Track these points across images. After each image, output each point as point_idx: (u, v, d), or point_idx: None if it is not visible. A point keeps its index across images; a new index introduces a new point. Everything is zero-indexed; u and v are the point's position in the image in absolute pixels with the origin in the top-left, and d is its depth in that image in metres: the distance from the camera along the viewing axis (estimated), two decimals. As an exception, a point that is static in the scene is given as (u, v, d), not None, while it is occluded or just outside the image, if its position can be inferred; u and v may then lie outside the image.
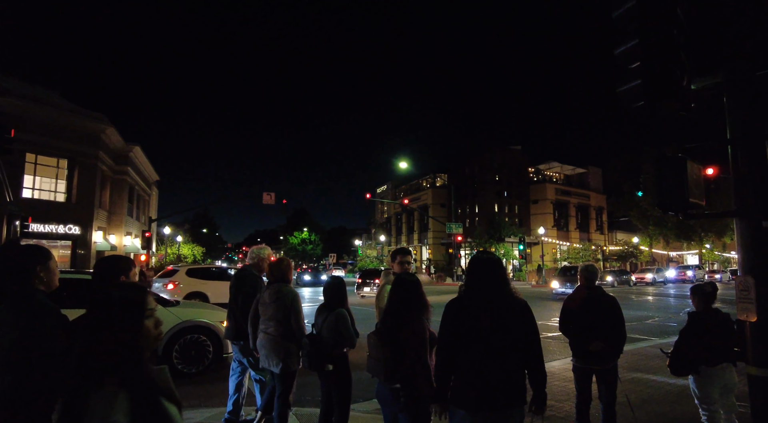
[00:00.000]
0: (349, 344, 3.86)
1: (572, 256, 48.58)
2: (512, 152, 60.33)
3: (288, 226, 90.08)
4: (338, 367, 3.85)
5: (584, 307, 4.19)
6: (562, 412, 5.30)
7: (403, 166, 32.86)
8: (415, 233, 65.73)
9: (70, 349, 1.87)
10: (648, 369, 7.66)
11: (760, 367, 3.14)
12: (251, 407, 5.30)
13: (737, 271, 3.44)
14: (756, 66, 3.23)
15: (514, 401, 2.57)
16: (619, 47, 3.61)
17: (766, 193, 3.22)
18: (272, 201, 27.68)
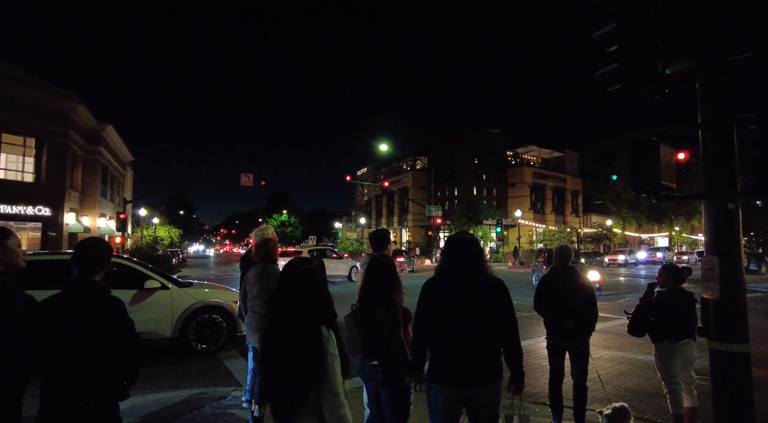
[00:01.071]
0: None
1: (548, 239, 49.57)
2: (491, 135, 60.65)
3: (267, 208, 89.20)
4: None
5: (558, 287, 4.30)
6: (536, 388, 5.48)
7: (384, 148, 32.70)
8: (395, 216, 65.94)
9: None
10: (618, 346, 7.96)
11: (722, 341, 3.29)
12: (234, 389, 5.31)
13: (703, 252, 3.57)
14: (728, 52, 3.30)
15: (489, 376, 2.64)
16: (597, 31, 3.63)
17: (733, 177, 3.32)
18: (250, 182, 27.30)
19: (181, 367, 6.77)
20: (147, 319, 7.00)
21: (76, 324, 2.16)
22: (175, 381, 6.02)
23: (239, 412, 4.71)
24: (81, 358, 2.15)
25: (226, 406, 4.89)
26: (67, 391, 2.13)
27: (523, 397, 4.99)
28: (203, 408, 4.82)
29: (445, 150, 60.41)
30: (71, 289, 2.26)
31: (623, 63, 3.39)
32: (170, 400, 5.09)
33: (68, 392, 2.13)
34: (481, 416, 2.67)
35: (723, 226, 3.35)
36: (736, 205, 3.35)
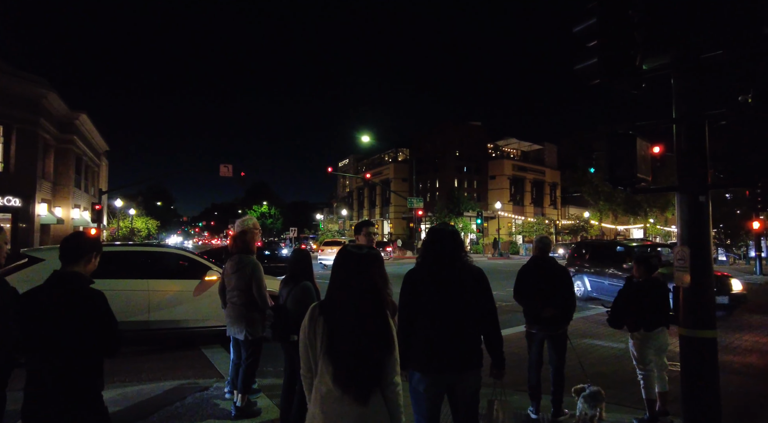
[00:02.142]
0: None
1: (527, 230, 50.35)
2: (472, 128, 60.98)
3: (247, 199, 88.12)
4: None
5: (538, 276, 4.41)
6: (515, 376, 5.61)
7: (366, 139, 32.60)
8: (377, 207, 65.95)
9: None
10: (595, 335, 8.19)
11: (691, 328, 3.44)
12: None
13: (677, 243, 3.71)
14: (701, 49, 3.40)
15: (469, 364, 2.71)
16: (578, 25, 3.70)
17: (704, 170, 3.45)
18: (230, 173, 26.93)
19: (162, 360, 6.72)
20: (209, 308, 6.99)
21: (56, 314, 2.17)
22: (156, 373, 5.97)
23: (222, 403, 4.71)
24: (62, 347, 2.16)
25: (208, 397, 4.88)
26: (49, 380, 2.13)
27: (502, 385, 5.12)
28: (185, 399, 4.80)
29: (427, 142, 60.53)
30: (52, 280, 2.26)
31: (602, 58, 3.47)
32: (152, 391, 5.06)
33: (50, 381, 2.13)
34: (462, 402, 2.74)
35: (694, 217, 3.48)
36: (706, 198, 3.48)
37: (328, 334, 2.00)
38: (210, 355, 6.87)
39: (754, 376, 6.15)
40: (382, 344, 2.01)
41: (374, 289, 2.07)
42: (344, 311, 2.02)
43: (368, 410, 1.95)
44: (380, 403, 2.00)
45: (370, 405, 1.95)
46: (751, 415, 4.71)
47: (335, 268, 2.14)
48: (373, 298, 2.05)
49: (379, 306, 2.06)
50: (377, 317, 2.04)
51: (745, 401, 5.10)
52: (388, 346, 2.03)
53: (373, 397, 1.97)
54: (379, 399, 1.99)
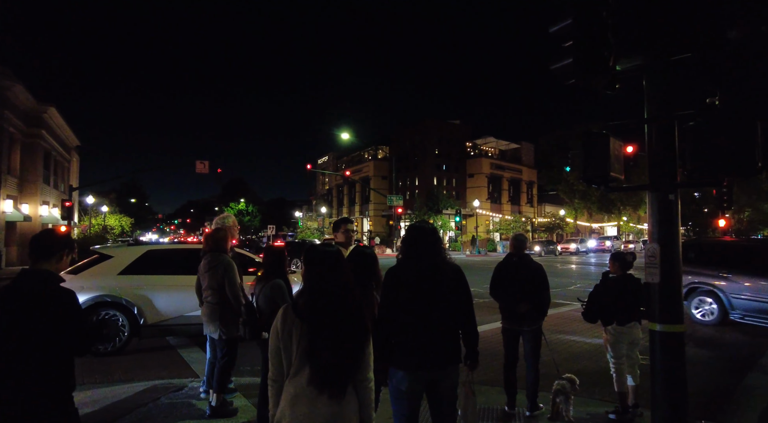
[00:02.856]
0: None
1: (504, 228, 51.03)
2: (452, 126, 61.42)
3: (224, 196, 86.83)
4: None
5: (513, 273, 4.47)
6: (491, 371, 5.68)
7: (345, 136, 32.49)
8: (356, 205, 65.84)
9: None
10: (570, 331, 8.36)
11: (661, 323, 3.53)
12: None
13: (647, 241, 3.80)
14: (671, 51, 3.49)
15: (449, 360, 2.74)
16: (554, 26, 3.75)
17: (673, 170, 3.55)
18: (206, 170, 26.46)
19: (136, 360, 6.57)
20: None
21: (26, 312, 2.11)
22: (130, 373, 5.84)
23: (197, 403, 4.64)
24: (31, 346, 2.10)
25: (183, 397, 4.80)
26: (17, 380, 2.06)
27: (479, 381, 5.18)
28: (159, 399, 4.71)
29: (407, 140, 60.69)
30: (22, 278, 2.20)
31: (577, 58, 3.52)
32: (125, 392, 4.94)
33: (18, 381, 2.06)
34: (442, 398, 2.76)
35: (664, 215, 3.58)
36: (676, 196, 3.58)
37: (305, 334, 1.98)
38: (185, 355, 6.76)
39: (719, 368, 6.38)
40: (358, 342, 2.00)
41: (346, 287, 2.06)
42: (319, 311, 2.00)
43: (341, 408, 1.95)
44: (352, 401, 2.00)
45: (342, 403, 1.95)
46: (716, 406, 4.88)
47: (306, 266, 2.13)
48: (346, 296, 2.05)
49: (353, 304, 2.05)
50: (352, 315, 2.03)
51: (710, 392, 5.29)
52: (364, 344, 2.03)
53: (346, 395, 1.97)
54: (351, 397, 1.99)
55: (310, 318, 2.00)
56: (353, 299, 2.06)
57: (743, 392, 5.35)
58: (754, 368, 6.25)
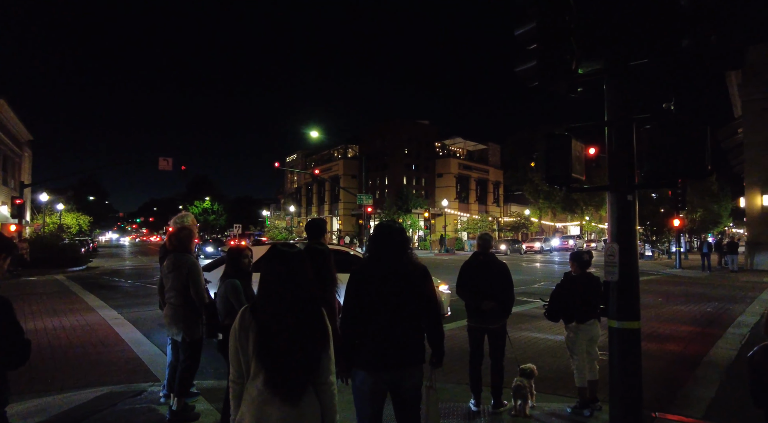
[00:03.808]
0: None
1: (471, 227, 51.82)
2: (421, 126, 61.88)
3: (188, 194, 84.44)
4: (227, 337, 3.72)
5: (479, 271, 4.53)
6: (457, 369, 5.74)
7: (315, 135, 32.21)
8: (325, 204, 65.41)
9: None
10: (534, 328, 8.55)
11: (619, 320, 3.65)
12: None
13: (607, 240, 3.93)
14: (629, 57, 3.61)
15: (412, 360, 2.73)
16: (519, 29, 3.81)
17: (631, 171, 3.67)
18: (169, 167, 25.68)
19: (92, 363, 6.30)
20: None
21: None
22: (85, 379, 5.59)
23: (158, 407, 4.48)
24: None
25: (142, 402, 4.64)
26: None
27: (446, 379, 5.22)
28: (116, 405, 4.53)
29: (376, 139, 60.73)
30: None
31: (541, 61, 3.60)
32: (79, 399, 4.72)
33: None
34: (406, 397, 2.76)
35: (623, 215, 3.70)
36: (634, 197, 3.71)
37: (259, 335, 1.94)
38: (145, 358, 6.54)
39: (672, 361, 6.67)
40: (315, 344, 1.97)
41: (302, 289, 2.03)
42: (275, 312, 1.97)
43: (298, 411, 1.91)
44: (312, 405, 1.97)
45: (301, 406, 1.92)
46: (669, 397, 5.10)
47: (263, 267, 2.09)
48: (304, 299, 2.02)
49: (310, 307, 2.03)
50: (309, 316, 2.01)
51: (663, 385, 5.52)
52: (323, 346, 2.00)
53: (305, 398, 1.94)
54: (311, 400, 1.96)
55: (264, 319, 1.96)
56: (311, 302, 2.03)
57: (693, 383, 5.61)
58: (703, 361, 6.56)
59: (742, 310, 10.82)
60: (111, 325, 9.01)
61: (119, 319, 9.57)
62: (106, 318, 9.75)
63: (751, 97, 22.22)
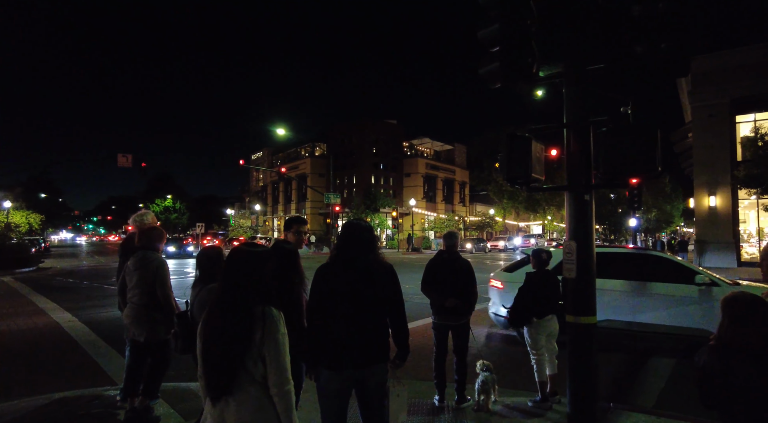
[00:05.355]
0: None
1: (438, 226, 52.42)
2: (389, 126, 62.06)
3: (149, 192, 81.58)
4: None
5: (443, 269, 4.60)
6: (422, 365, 5.81)
7: (281, 132, 31.77)
8: (292, 203, 64.59)
9: None
10: (496, 324, 8.73)
11: (576, 315, 3.79)
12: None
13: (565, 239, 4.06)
14: (588, 61, 3.75)
15: (377, 358, 2.74)
16: (482, 30, 3.89)
17: (588, 172, 3.81)
18: (129, 164, 24.76)
19: (43, 370, 6.00)
20: (696, 316, 6.48)
21: None
22: (35, 385, 5.32)
23: (115, 411, 4.32)
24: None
25: (97, 407, 4.45)
26: None
27: (411, 376, 5.26)
28: (70, 411, 4.32)
29: (344, 138, 60.49)
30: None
31: (503, 63, 3.69)
32: (28, 406, 4.49)
33: None
34: (371, 395, 2.76)
35: (580, 214, 3.84)
36: (591, 197, 3.85)
37: (199, 334, 2.01)
38: (101, 361, 6.28)
39: (626, 354, 6.97)
40: (236, 347, 1.96)
41: (260, 287, 2.07)
42: (208, 310, 2.05)
43: (238, 414, 1.94)
44: (264, 408, 1.97)
45: (242, 410, 1.94)
46: (623, 388, 5.33)
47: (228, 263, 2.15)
48: (232, 298, 2.05)
49: (239, 305, 2.03)
50: (234, 317, 2.00)
51: (618, 376, 5.76)
52: (244, 350, 1.97)
53: (233, 402, 1.95)
54: (259, 402, 1.97)
55: (199, 315, 2.07)
56: (239, 303, 2.04)
57: (645, 375, 5.89)
58: (654, 354, 6.88)
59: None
60: (64, 328, 8.61)
61: (73, 322, 9.16)
62: (58, 321, 9.31)
63: (699, 104, 23.47)
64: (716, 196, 22.86)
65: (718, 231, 22.76)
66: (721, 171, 22.55)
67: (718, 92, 22.56)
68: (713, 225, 22.97)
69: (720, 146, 22.79)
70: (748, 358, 2.01)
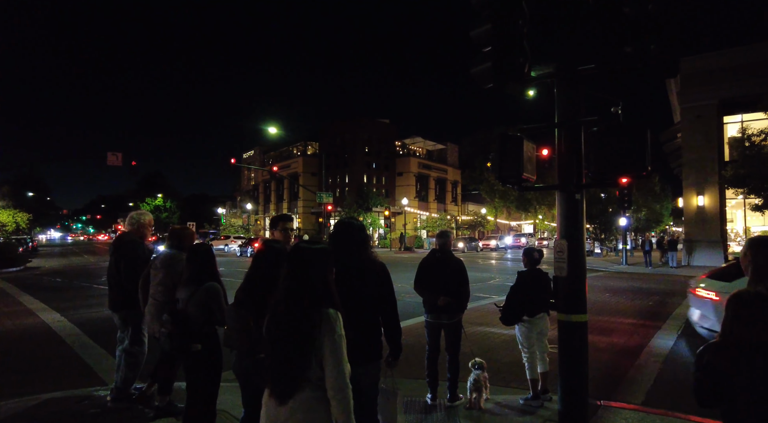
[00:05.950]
0: (220, 323, 3.44)
1: (430, 225, 52.55)
2: (381, 125, 62.06)
3: (139, 190, 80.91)
4: (208, 345, 3.43)
5: (436, 268, 4.62)
6: (414, 364, 5.82)
7: (273, 131, 31.65)
8: (284, 202, 64.35)
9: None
10: (489, 323, 8.78)
11: (567, 314, 3.82)
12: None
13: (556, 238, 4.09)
14: (578, 61, 3.78)
15: (370, 357, 2.75)
16: (474, 30, 3.90)
17: (579, 171, 3.85)
18: (119, 162, 24.50)
19: (32, 371, 5.93)
20: None
21: None
22: (23, 386, 5.25)
23: (105, 412, 4.28)
24: None
25: (87, 407, 4.41)
26: None
27: (403, 374, 5.27)
28: (57, 412, 4.28)
29: (337, 137, 60.38)
30: None
31: (495, 63, 3.70)
32: (13, 409, 4.44)
33: None
34: (363, 394, 2.77)
35: (571, 213, 3.87)
36: (581, 196, 3.89)
37: (267, 336, 2.12)
38: (91, 361, 6.22)
39: (616, 352, 7.04)
40: (308, 347, 2.00)
41: (315, 289, 2.12)
42: (273, 313, 2.10)
43: (286, 409, 1.95)
44: (319, 410, 1.98)
45: (290, 405, 1.96)
46: (613, 385, 5.39)
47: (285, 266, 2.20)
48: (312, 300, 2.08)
49: (304, 306, 2.06)
50: (302, 318, 2.03)
51: (607, 374, 5.82)
52: (308, 346, 2.00)
53: (297, 397, 1.97)
54: (313, 404, 1.98)
55: (266, 322, 2.16)
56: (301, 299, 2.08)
57: (635, 372, 5.95)
58: (644, 351, 6.97)
59: (679, 303, 11.54)
60: (53, 328, 8.51)
61: (62, 322, 9.06)
62: (47, 321, 9.20)
63: (688, 104, 23.76)
64: (704, 195, 23.16)
65: (706, 230, 23.05)
66: (710, 171, 22.85)
67: (707, 93, 22.86)
68: (701, 224, 23.26)
69: (708, 146, 23.09)
70: (755, 355, 2.01)
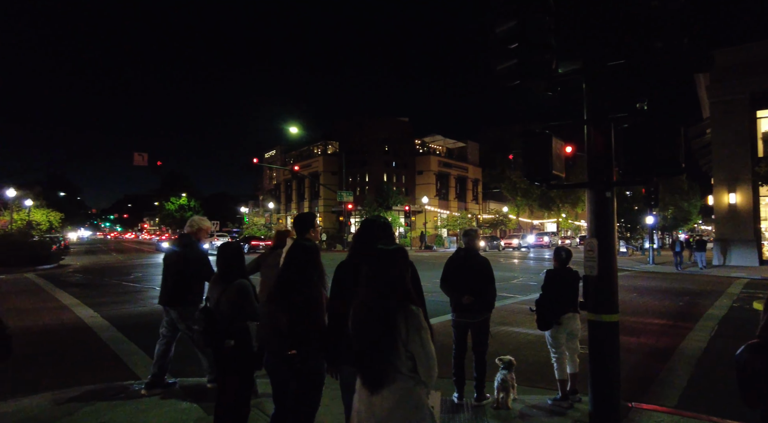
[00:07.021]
0: (253, 318, 3.48)
1: (451, 224, 52.28)
2: (400, 123, 61.98)
3: (163, 190, 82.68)
4: (240, 340, 3.46)
5: (462, 267, 4.60)
6: (441, 362, 5.81)
7: (294, 131, 31.97)
8: (305, 200, 64.87)
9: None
10: (514, 323, 8.70)
11: (597, 313, 3.77)
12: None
13: (586, 237, 4.03)
14: (608, 57, 3.71)
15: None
16: (499, 27, 3.87)
17: (610, 169, 3.78)
18: (144, 162, 25.17)
19: (70, 364, 6.14)
20: None
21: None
22: (64, 379, 5.45)
23: (138, 404, 4.41)
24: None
25: (124, 398, 4.54)
26: None
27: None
28: (95, 403, 4.43)
29: (355, 136, 60.54)
30: None
31: (522, 60, 3.67)
32: (56, 400, 4.61)
33: None
34: None
35: (601, 211, 3.81)
36: (612, 194, 3.82)
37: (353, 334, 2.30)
38: (124, 356, 6.40)
39: (646, 353, 6.90)
40: (391, 342, 2.14)
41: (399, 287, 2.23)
42: (356, 311, 2.27)
43: (378, 398, 2.08)
44: (400, 397, 2.10)
45: (384, 394, 2.08)
46: (644, 388, 5.28)
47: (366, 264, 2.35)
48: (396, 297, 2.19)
49: (385, 304, 2.19)
50: (384, 316, 2.14)
51: (638, 376, 5.71)
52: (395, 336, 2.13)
53: (389, 387, 2.10)
54: (397, 392, 2.11)
55: (351, 320, 2.32)
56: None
57: (666, 374, 5.82)
58: (675, 352, 6.80)
59: (711, 304, 11.22)
60: (87, 323, 8.80)
61: (95, 318, 9.35)
62: (81, 316, 9.51)
63: (718, 99, 23.00)
64: (736, 193, 22.41)
65: (739, 229, 22.31)
66: (742, 167, 22.10)
67: (738, 87, 22.10)
68: (734, 223, 22.52)
69: (739, 142, 22.33)
70: None
